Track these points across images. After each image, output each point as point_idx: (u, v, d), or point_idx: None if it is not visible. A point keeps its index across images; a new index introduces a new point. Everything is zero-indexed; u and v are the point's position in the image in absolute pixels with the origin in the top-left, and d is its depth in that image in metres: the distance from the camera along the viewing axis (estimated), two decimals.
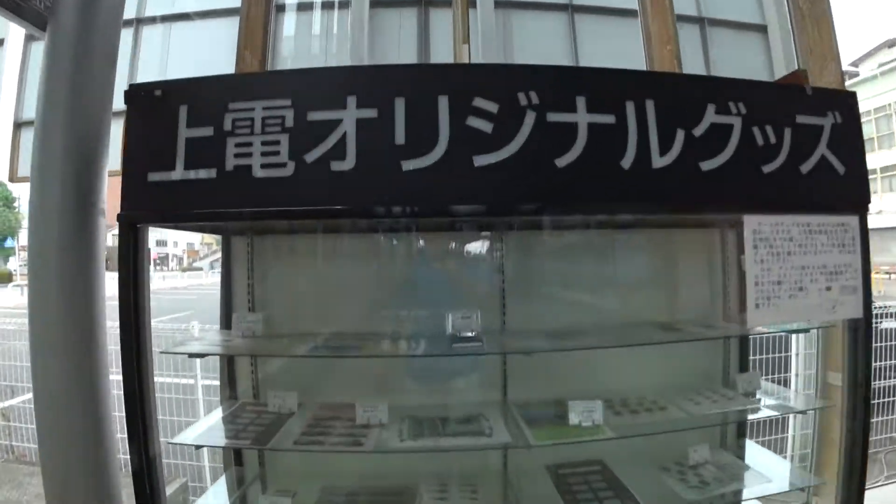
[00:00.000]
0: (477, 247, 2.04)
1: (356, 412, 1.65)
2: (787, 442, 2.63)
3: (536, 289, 2.01)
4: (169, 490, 2.86)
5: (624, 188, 1.42)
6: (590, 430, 1.66)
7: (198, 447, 1.59)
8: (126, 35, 2.42)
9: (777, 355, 2.89)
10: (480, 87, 1.37)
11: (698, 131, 1.48)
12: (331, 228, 1.91)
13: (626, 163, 1.42)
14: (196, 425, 1.69)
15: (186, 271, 30.34)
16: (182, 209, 1.35)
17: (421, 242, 1.99)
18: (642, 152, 1.43)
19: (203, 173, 1.32)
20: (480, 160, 1.34)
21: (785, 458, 2.51)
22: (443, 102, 1.34)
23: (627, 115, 1.44)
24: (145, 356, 1.40)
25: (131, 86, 1.44)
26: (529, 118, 1.37)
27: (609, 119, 1.42)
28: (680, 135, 1.46)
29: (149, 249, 1.46)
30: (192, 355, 1.59)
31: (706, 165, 1.47)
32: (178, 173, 1.33)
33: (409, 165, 1.31)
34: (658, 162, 1.44)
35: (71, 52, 1.60)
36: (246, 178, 1.31)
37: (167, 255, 41.24)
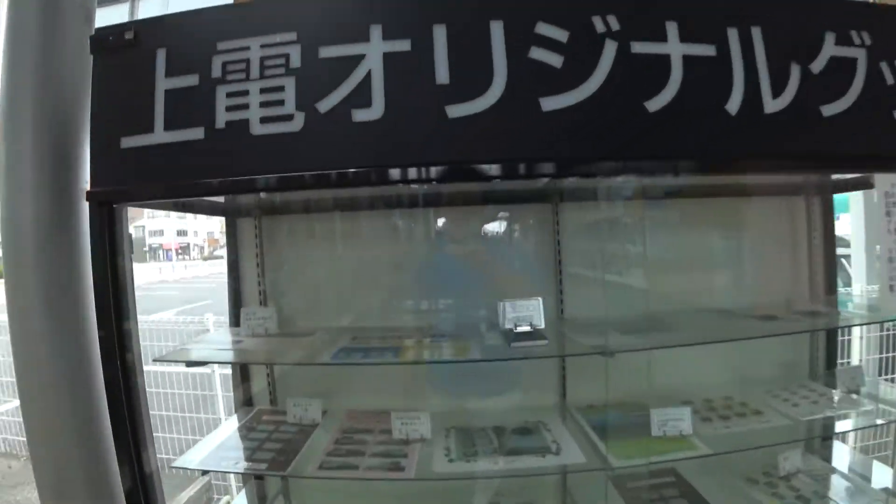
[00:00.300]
0: (528, 220, 1.71)
1: (392, 424, 1.37)
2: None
3: (598, 270, 1.68)
4: (190, 491, 2.68)
5: (732, 139, 1.09)
6: (677, 443, 1.35)
7: (204, 472, 1.33)
8: None
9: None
10: (544, 10, 1.03)
11: (816, 67, 1.13)
12: (350, 204, 1.60)
13: (733, 106, 1.08)
14: (203, 443, 1.43)
15: (207, 260, 30.66)
16: (163, 181, 1.05)
17: (460, 216, 1.66)
18: (751, 93, 1.09)
19: (188, 133, 1.02)
20: (549, 103, 1.01)
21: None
22: (497, 29, 1.01)
23: (731, 46, 1.09)
24: (131, 362, 1.13)
25: (97, 30, 1.14)
26: (609, 49, 1.04)
27: (708, 51, 1.08)
28: (795, 71, 1.11)
29: (134, 242, 1.19)
30: (190, 364, 1.32)
31: (828, 110, 1.12)
32: (157, 135, 1.04)
33: (456, 111, 0.98)
34: (771, 105, 1.10)
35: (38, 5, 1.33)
36: (242, 137, 1.00)
37: (188, 244, 41.83)
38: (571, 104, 1.01)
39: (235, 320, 1.62)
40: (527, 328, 1.39)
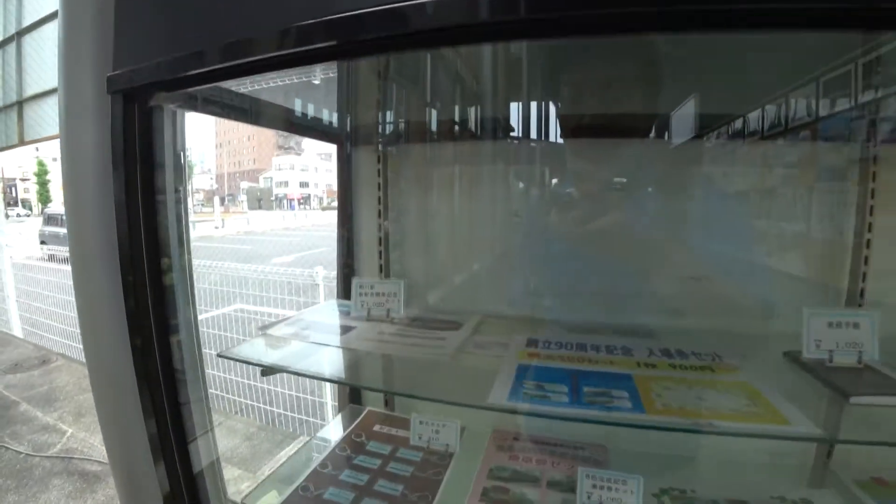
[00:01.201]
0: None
1: (576, 473, 0.81)
2: None
3: None
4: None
5: None
6: None
7: None
8: None
9: None
10: None
11: None
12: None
13: None
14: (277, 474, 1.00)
15: (325, 210, 32.63)
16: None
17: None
18: None
19: None
20: None
21: None
22: None
23: None
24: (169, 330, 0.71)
25: None
26: None
27: None
28: None
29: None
30: (265, 372, 0.87)
31: None
32: None
33: None
34: None
35: None
36: None
37: (309, 195, 44.97)
38: None
39: (345, 290, 1.16)
40: (853, 360, 0.75)
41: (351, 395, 1.25)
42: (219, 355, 0.89)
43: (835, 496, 0.85)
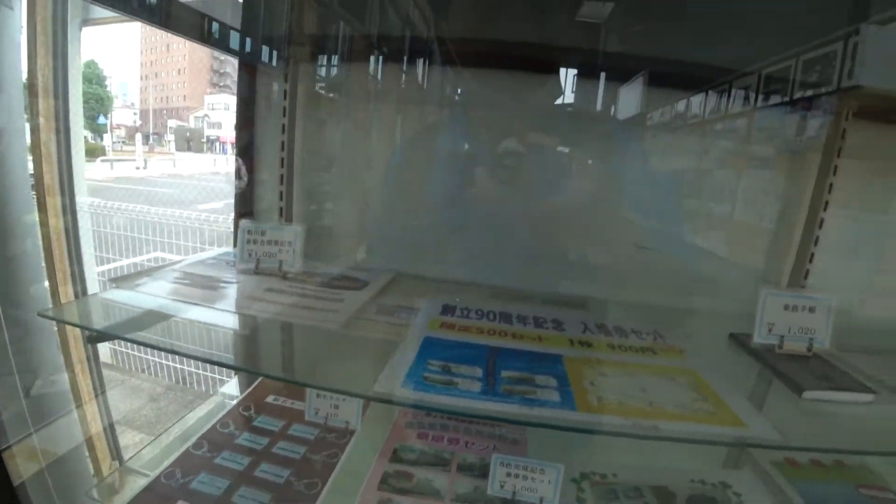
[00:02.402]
0: None
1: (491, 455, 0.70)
2: None
3: None
4: None
5: None
6: None
7: None
8: None
9: None
10: None
11: None
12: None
13: None
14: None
15: None
16: None
17: None
18: None
19: None
20: None
21: None
22: None
23: None
24: None
25: None
26: None
27: None
28: None
29: None
30: (93, 339, 0.65)
31: None
32: None
33: None
34: None
35: None
36: None
37: None
38: None
39: None
40: (803, 347, 0.68)
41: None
42: (39, 314, 0.67)
43: (752, 478, 0.80)
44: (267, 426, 0.92)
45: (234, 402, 1.01)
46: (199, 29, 0.95)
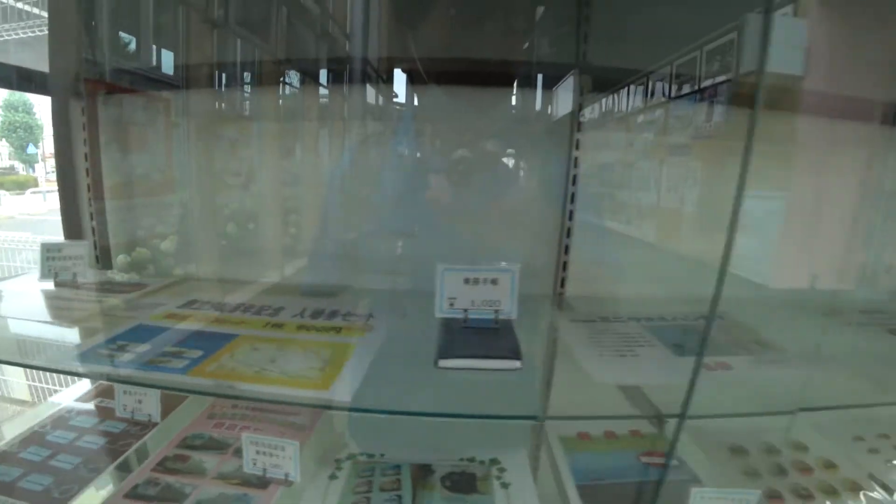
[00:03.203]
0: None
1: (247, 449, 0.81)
2: None
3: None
4: None
5: None
6: None
7: None
8: None
9: None
10: None
11: None
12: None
13: None
14: None
15: None
16: None
17: None
18: None
19: None
20: None
21: None
22: None
23: None
24: None
25: None
26: None
27: None
28: None
29: None
30: None
31: None
32: None
33: None
34: None
35: None
36: None
37: None
38: None
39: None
40: (487, 317, 0.77)
41: None
42: None
43: (524, 454, 0.85)
44: (80, 424, 1.01)
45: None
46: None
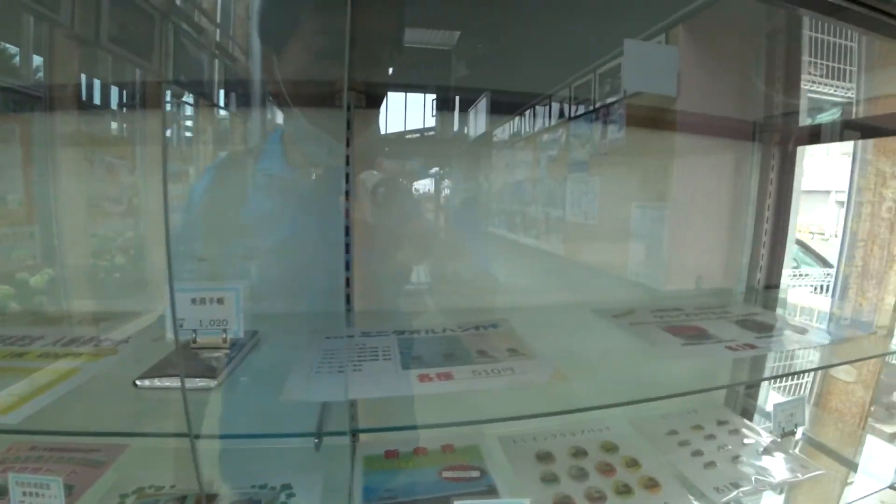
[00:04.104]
0: None
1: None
2: None
3: None
4: None
5: None
6: None
7: None
8: None
9: None
10: None
11: None
12: None
13: None
14: None
15: None
16: None
17: None
18: None
19: None
20: None
21: None
22: None
23: None
24: None
25: None
26: None
27: None
28: None
29: None
30: None
31: None
32: None
33: None
34: None
35: None
36: None
37: None
38: None
39: None
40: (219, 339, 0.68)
41: None
42: None
43: (319, 478, 0.82)
44: None
45: None
46: None
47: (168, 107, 0.97)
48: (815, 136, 1.27)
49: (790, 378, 1.72)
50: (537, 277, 1.17)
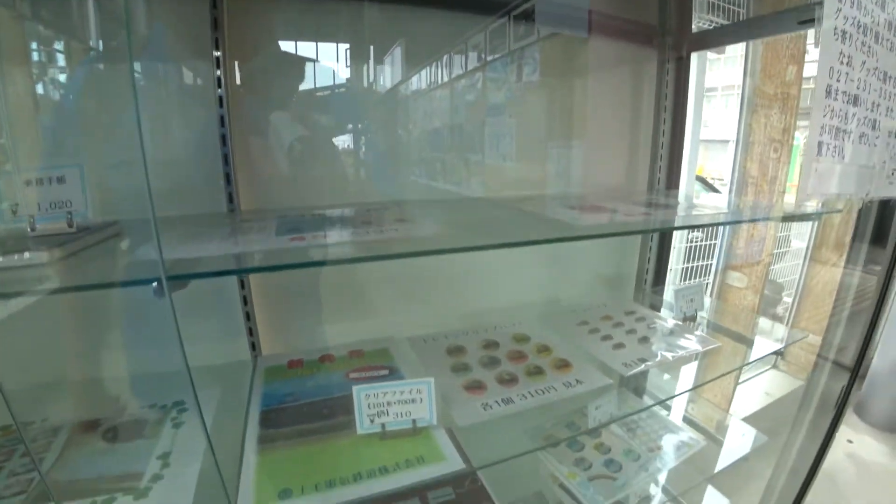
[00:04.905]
0: None
1: None
2: None
3: None
4: None
5: None
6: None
7: None
8: None
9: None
10: None
11: None
12: None
13: None
14: None
15: None
16: None
17: None
18: None
19: None
20: None
21: None
22: None
23: None
24: None
25: None
26: None
27: None
28: None
29: None
30: None
31: None
32: None
33: None
34: None
35: None
36: None
37: None
38: None
39: None
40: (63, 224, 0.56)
41: None
42: None
43: (215, 394, 0.79)
44: None
45: None
46: None
47: None
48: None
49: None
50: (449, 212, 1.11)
